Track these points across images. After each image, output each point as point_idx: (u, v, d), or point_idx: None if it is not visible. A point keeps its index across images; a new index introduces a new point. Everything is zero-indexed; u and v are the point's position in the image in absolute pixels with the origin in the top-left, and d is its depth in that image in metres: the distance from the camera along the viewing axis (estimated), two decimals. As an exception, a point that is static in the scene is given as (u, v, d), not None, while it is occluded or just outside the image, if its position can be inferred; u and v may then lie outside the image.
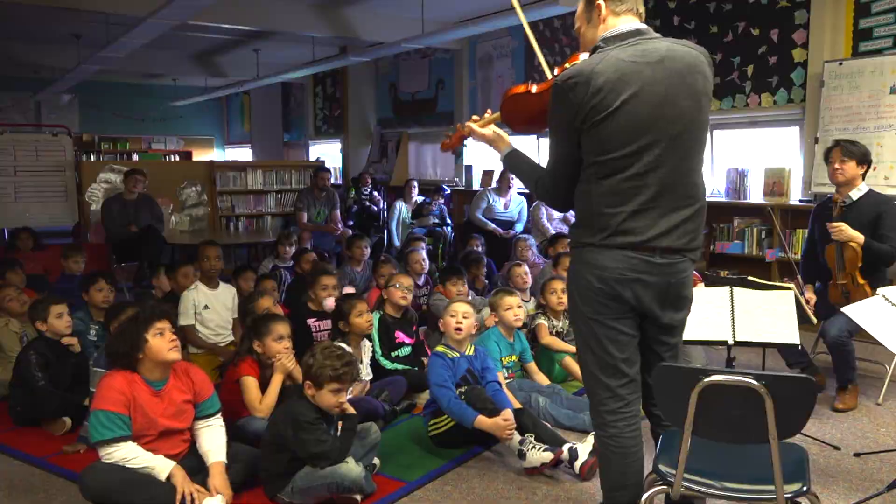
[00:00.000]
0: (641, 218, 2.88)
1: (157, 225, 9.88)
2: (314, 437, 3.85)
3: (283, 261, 8.69)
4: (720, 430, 2.75)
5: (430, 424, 4.78)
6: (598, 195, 2.91)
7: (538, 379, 5.66)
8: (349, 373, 3.97)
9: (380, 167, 14.62)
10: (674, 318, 3.06)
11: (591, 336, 3.05)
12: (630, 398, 3.08)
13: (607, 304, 2.97)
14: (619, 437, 3.08)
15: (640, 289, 2.93)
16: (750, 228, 8.27)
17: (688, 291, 3.07)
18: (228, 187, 12.51)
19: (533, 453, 4.35)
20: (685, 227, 2.95)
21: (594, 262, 2.96)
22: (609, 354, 3.03)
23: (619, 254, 2.91)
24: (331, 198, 11.11)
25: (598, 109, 2.82)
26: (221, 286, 6.57)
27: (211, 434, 4.02)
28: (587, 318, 3.03)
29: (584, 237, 3.01)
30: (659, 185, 2.87)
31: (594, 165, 2.90)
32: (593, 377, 3.10)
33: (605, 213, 2.91)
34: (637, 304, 2.96)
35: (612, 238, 2.91)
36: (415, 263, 7.61)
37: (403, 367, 5.78)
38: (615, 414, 3.08)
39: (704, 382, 2.64)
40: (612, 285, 2.93)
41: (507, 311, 5.57)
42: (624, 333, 3.01)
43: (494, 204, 10.25)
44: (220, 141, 21.99)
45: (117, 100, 19.65)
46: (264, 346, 4.73)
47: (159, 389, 3.88)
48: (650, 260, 2.91)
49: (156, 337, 3.83)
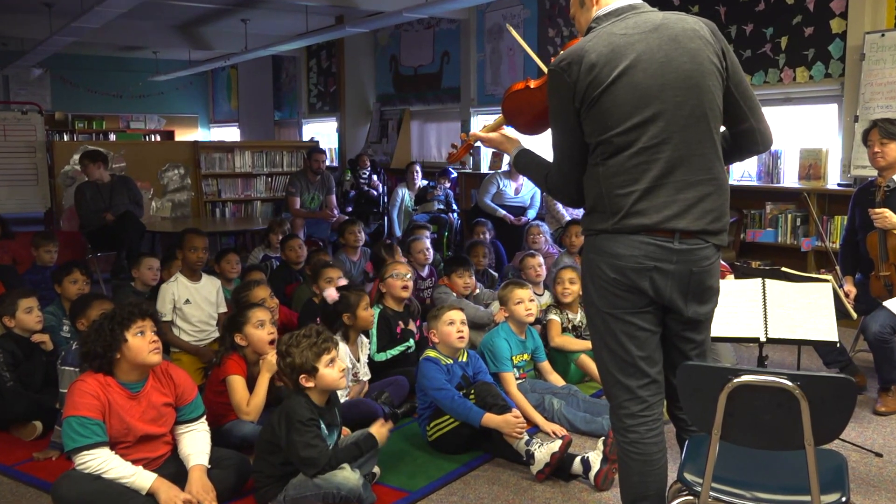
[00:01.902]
0: (654, 196, 2.88)
1: (135, 210, 9.87)
2: (304, 439, 3.83)
3: (275, 250, 8.70)
4: (751, 435, 2.75)
5: (430, 428, 4.80)
6: (607, 176, 2.92)
7: (552, 379, 5.67)
8: (328, 338, 4.04)
9: (379, 148, 14.62)
10: (698, 312, 3.05)
11: (607, 332, 3.05)
12: (652, 400, 3.07)
13: (624, 297, 2.97)
14: (640, 442, 3.07)
15: (658, 278, 2.93)
16: (784, 215, 8.26)
17: (713, 281, 3.06)
18: (214, 170, 12.53)
19: (542, 450, 4.38)
20: (703, 207, 2.93)
21: (607, 249, 2.96)
22: (627, 352, 3.02)
23: (634, 239, 2.91)
24: (326, 182, 11.11)
25: (594, 86, 2.85)
26: (204, 278, 6.56)
27: (193, 438, 4.02)
28: (603, 313, 3.03)
29: (595, 223, 3.01)
30: (669, 158, 2.87)
31: (599, 146, 2.92)
32: (611, 377, 3.10)
33: (615, 193, 2.91)
34: (656, 296, 2.95)
35: (624, 221, 2.91)
36: (418, 253, 7.62)
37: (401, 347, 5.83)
38: (635, 418, 3.07)
39: (734, 383, 2.63)
40: (628, 275, 2.93)
41: (517, 306, 5.57)
42: (643, 329, 3.01)
43: (505, 188, 10.24)
44: (204, 119, 22.01)
45: (93, 75, 19.68)
46: (247, 338, 4.73)
47: (137, 392, 3.87)
48: (668, 245, 2.90)
49: (136, 337, 3.82)
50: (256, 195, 12.78)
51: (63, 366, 4.80)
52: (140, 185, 10.68)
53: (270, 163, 12.91)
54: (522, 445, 4.47)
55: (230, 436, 4.51)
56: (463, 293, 6.91)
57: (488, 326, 6.23)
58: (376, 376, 5.58)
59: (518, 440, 4.50)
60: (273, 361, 4.64)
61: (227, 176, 12.64)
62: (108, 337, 3.80)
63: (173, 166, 12.10)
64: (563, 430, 4.92)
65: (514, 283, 5.75)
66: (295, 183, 11.00)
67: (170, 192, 12.07)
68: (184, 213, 12.09)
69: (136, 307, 3.91)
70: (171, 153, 12.46)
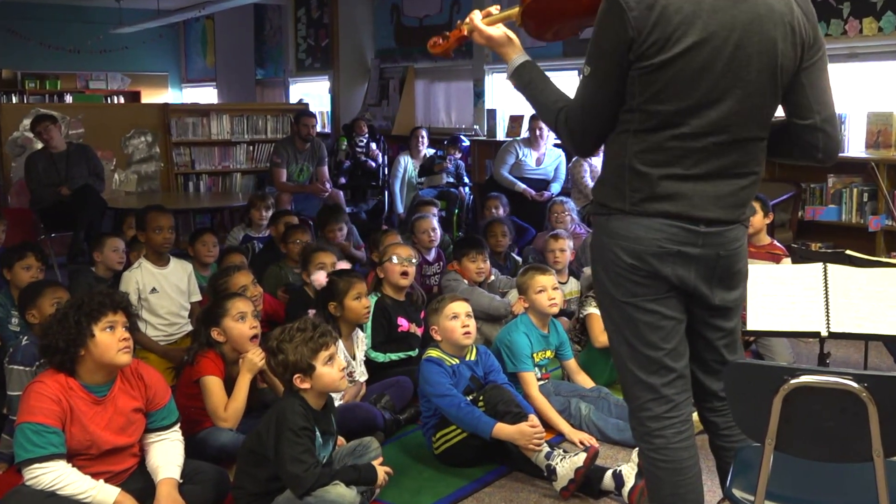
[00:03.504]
0: (685, 183, 2.89)
1: (95, 184, 9.87)
2: (292, 452, 3.83)
3: (258, 230, 8.70)
4: (811, 444, 2.75)
5: (436, 439, 4.81)
6: (636, 149, 2.91)
7: (580, 380, 5.66)
8: (326, 331, 4.05)
9: (379, 112, 14.61)
10: (725, 299, 3.07)
11: (625, 324, 3.05)
12: (678, 399, 3.08)
13: (642, 283, 2.97)
14: (668, 448, 3.08)
15: (681, 264, 2.94)
16: (848, 189, 8.24)
17: (741, 265, 3.08)
18: (187, 137, 12.53)
19: (564, 465, 4.37)
20: (737, 199, 2.96)
21: (623, 232, 2.96)
22: (650, 345, 3.03)
23: (655, 222, 2.91)
24: (316, 151, 11.12)
25: (658, 45, 2.79)
26: (173, 263, 6.52)
27: (164, 448, 4.02)
28: (620, 303, 3.04)
29: (609, 199, 3.01)
30: (711, 149, 2.87)
31: (639, 113, 2.89)
32: (631, 376, 3.10)
33: (640, 170, 2.91)
34: (680, 284, 2.97)
35: (645, 203, 2.92)
36: (422, 234, 7.61)
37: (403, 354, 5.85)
38: (660, 420, 3.08)
39: (791, 385, 2.63)
40: (648, 260, 2.93)
41: (539, 295, 5.55)
42: (667, 317, 3.02)
43: (524, 159, 10.22)
44: (175, 79, 21.99)
45: (46, 26, 19.64)
46: (225, 333, 4.72)
47: (102, 396, 3.86)
48: (693, 229, 2.91)
49: (105, 332, 3.79)
50: (236, 166, 12.78)
51: (12, 364, 4.78)
52: (101, 154, 10.69)
53: (252, 129, 12.90)
54: (542, 459, 4.46)
55: (205, 446, 4.50)
56: (476, 280, 6.89)
57: (505, 319, 6.23)
58: (375, 376, 5.59)
59: (536, 453, 4.49)
60: (255, 360, 4.65)
61: (201, 144, 12.65)
62: (72, 329, 3.76)
63: (139, 133, 12.10)
64: (592, 440, 4.93)
65: (535, 269, 5.74)
66: (281, 152, 10.99)
67: (135, 162, 12.07)
68: (151, 186, 12.09)
69: (108, 297, 3.88)
70: (136, 118, 12.45)
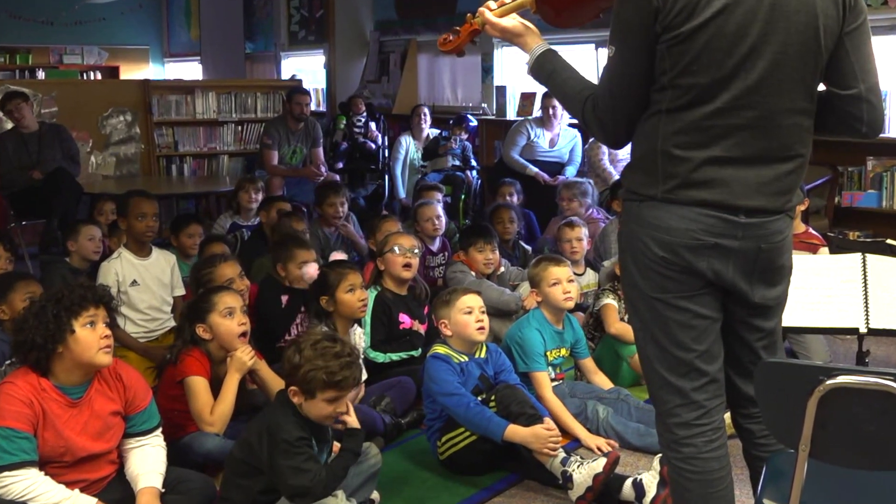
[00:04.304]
0: (723, 168, 2.88)
1: (70, 167, 9.87)
2: (293, 463, 3.82)
3: (246, 216, 8.70)
4: (848, 451, 2.74)
5: (442, 443, 4.81)
6: (668, 130, 2.91)
7: (597, 381, 5.67)
8: (351, 376, 3.93)
9: (378, 89, 14.59)
10: (766, 296, 3.06)
11: (655, 321, 3.05)
12: (710, 405, 3.08)
13: (675, 278, 2.97)
14: (697, 458, 3.08)
15: (718, 258, 2.93)
16: (889, 173, 8.23)
17: (785, 259, 3.07)
18: (170, 116, 12.55)
19: (581, 472, 4.37)
20: (779, 186, 2.94)
21: (655, 221, 2.95)
22: (680, 346, 3.03)
23: (690, 211, 2.90)
24: (310, 131, 11.13)
25: (687, 13, 2.79)
26: (155, 253, 6.53)
27: (144, 454, 4.02)
28: (649, 298, 3.03)
29: (641, 186, 3.01)
30: (751, 126, 2.87)
31: (670, 90, 2.89)
32: (659, 378, 3.10)
33: (674, 155, 2.90)
34: (716, 279, 2.96)
35: (680, 191, 2.91)
36: (426, 221, 7.62)
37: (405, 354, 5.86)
38: (690, 427, 3.08)
39: (827, 385, 2.62)
40: (681, 253, 2.92)
41: (553, 287, 5.56)
42: (700, 316, 3.01)
43: (537, 140, 10.21)
44: (157, 53, 21.98)
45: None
46: (212, 329, 4.73)
47: (78, 398, 3.85)
48: (732, 219, 2.90)
49: (85, 328, 3.77)
50: (223, 148, 12.79)
51: (-25, 363, 4.80)
52: (76, 135, 10.70)
53: (240, 107, 12.90)
54: (557, 465, 4.46)
55: (190, 452, 4.49)
56: (484, 272, 6.89)
57: (516, 314, 6.23)
58: (374, 377, 5.60)
59: (552, 458, 4.49)
60: (244, 359, 4.66)
61: (185, 124, 12.66)
62: (50, 324, 3.74)
63: (118, 112, 12.09)
64: (611, 445, 4.93)
65: (549, 260, 5.74)
66: (272, 133, 10.99)
67: (113, 144, 12.07)
68: (131, 170, 12.09)
69: (89, 290, 3.87)
70: (115, 95, 12.45)
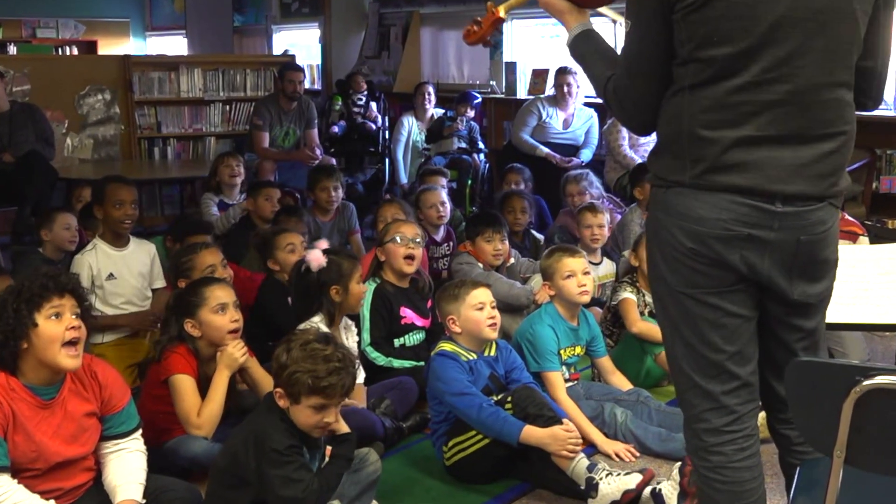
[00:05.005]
0: (756, 149, 2.86)
1: (43, 150, 9.88)
2: (283, 472, 3.81)
3: (231, 195, 8.72)
4: (887, 457, 2.74)
5: (448, 448, 4.81)
6: (694, 109, 2.90)
7: (615, 381, 5.65)
8: (339, 383, 3.86)
9: (378, 65, 14.58)
10: (808, 293, 3.03)
11: (681, 318, 3.04)
12: (742, 410, 3.07)
13: (704, 272, 2.95)
14: (727, 467, 3.07)
15: (752, 250, 2.91)
16: (933, 157, 8.24)
17: (829, 252, 3.04)
18: (152, 95, 12.54)
19: (610, 483, 4.36)
20: (821, 168, 2.91)
21: (683, 209, 2.94)
22: (709, 346, 3.02)
23: (722, 199, 2.88)
24: (304, 111, 11.13)
25: None
26: (133, 243, 6.50)
27: (123, 462, 4.00)
28: (676, 292, 3.02)
29: (667, 171, 3.00)
30: (786, 101, 2.85)
31: (692, 64, 2.88)
32: (686, 380, 3.10)
33: (701, 135, 2.89)
34: (750, 273, 2.94)
35: (710, 176, 2.89)
36: (430, 209, 7.62)
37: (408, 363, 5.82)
38: (720, 434, 3.07)
39: (864, 386, 2.61)
40: (712, 245, 2.90)
41: (567, 280, 5.53)
42: (732, 314, 3.00)
43: (549, 120, 10.20)
44: (138, 26, 21.95)
45: (-15, -36, 19.69)
46: (201, 325, 4.72)
47: (49, 399, 3.83)
48: (768, 208, 2.88)
49: (50, 320, 3.75)
50: (209, 129, 12.78)
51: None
52: (50, 115, 10.70)
53: (229, 85, 12.89)
54: (582, 470, 4.44)
55: (175, 456, 4.50)
56: (493, 264, 6.90)
57: (527, 309, 6.22)
58: (373, 377, 5.59)
59: (573, 462, 4.47)
60: (234, 355, 4.65)
61: (169, 103, 12.66)
62: (11, 319, 3.72)
63: (96, 90, 12.09)
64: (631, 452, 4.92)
65: (563, 250, 5.71)
66: (262, 113, 10.99)
67: (91, 124, 12.06)
68: (110, 153, 12.09)
69: (51, 279, 3.82)
70: (92, 72, 12.43)
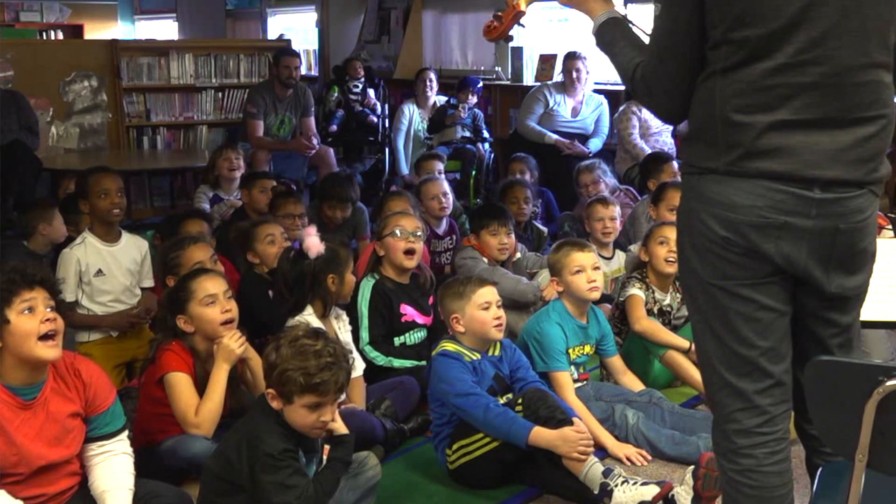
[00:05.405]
0: (791, 133, 2.85)
1: (27, 139, 9.90)
2: (278, 479, 3.79)
3: (228, 190, 8.73)
4: (912, 461, 2.74)
5: (452, 451, 4.79)
6: (727, 93, 2.89)
7: (626, 382, 5.65)
8: (333, 379, 3.85)
9: (378, 51, 14.58)
10: (845, 286, 3.02)
11: (714, 311, 3.03)
12: (775, 411, 3.06)
13: (738, 263, 2.94)
14: (757, 471, 3.06)
15: (788, 239, 2.89)
16: (962, 145, 8.21)
17: (867, 242, 3.03)
18: (141, 81, 12.52)
19: (626, 491, 4.34)
20: (861, 152, 2.90)
21: (716, 197, 2.93)
22: (742, 342, 3.00)
23: (757, 185, 2.88)
24: (301, 99, 11.17)
25: None
26: (125, 238, 6.46)
27: (110, 466, 3.99)
28: (708, 285, 3.01)
29: (700, 158, 2.99)
30: (824, 85, 2.84)
31: (724, 46, 2.88)
32: (717, 378, 3.08)
33: (735, 120, 2.88)
34: (785, 264, 2.93)
35: (745, 161, 2.88)
36: (431, 200, 7.63)
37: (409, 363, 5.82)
38: (751, 435, 3.06)
39: (887, 387, 2.61)
40: (746, 233, 2.90)
41: (576, 276, 5.50)
42: (766, 307, 2.99)
43: (557, 107, 10.20)
44: (126, 9, 21.94)
45: (-35, -57, 19.70)
46: (193, 320, 4.71)
47: (31, 399, 3.81)
48: (806, 194, 2.87)
49: (22, 315, 3.72)
50: (201, 117, 12.76)
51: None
52: (34, 102, 10.71)
53: (221, 71, 12.87)
54: (597, 475, 4.42)
55: (172, 457, 4.44)
56: (498, 258, 6.88)
57: (534, 306, 6.21)
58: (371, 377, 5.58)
59: (587, 466, 4.45)
60: (231, 346, 4.60)
61: (158, 90, 12.64)
62: None
63: (82, 76, 12.08)
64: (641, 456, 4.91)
65: (572, 244, 5.69)
66: (256, 100, 11.03)
67: (77, 112, 12.05)
68: (97, 142, 12.08)
69: (18, 272, 3.77)
70: (78, 57, 12.42)
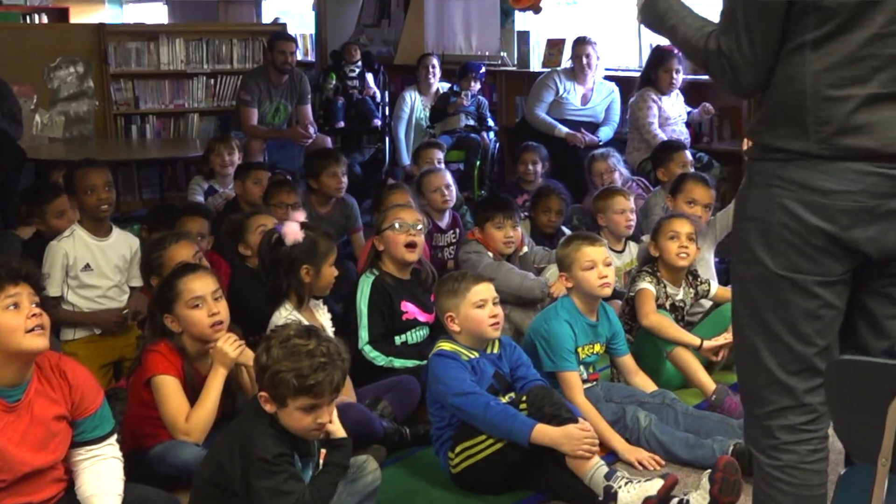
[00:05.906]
0: (882, 107, 2.85)
1: (10, 128, 9.86)
2: (272, 484, 3.80)
3: (223, 183, 8.73)
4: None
5: (455, 454, 4.79)
6: (818, 68, 2.87)
7: (638, 382, 5.64)
8: (327, 379, 3.84)
9: (378, 35, 14.54)
10: None
11: (772, 304, 3.02)
12: (822, 410, 3.06)
13: (813, 257, 2.93)
14: (798, 468, 3.08)
15: (879, 224, 2.88)
16: None
17: None
18: (129, 67, 12.52)
19: (630, 491, 4.35)
20: None
21: (809, 182, 2.90)
22: (801, 338, 3.01)
23: (849, 169, 2.86)
24: (297, 85, 11.15)
25: None
26: (115, 233, 6.50)
27: (98, 471, 3.99)
28: (772, 275, 3.00)
29: (786, 140, 2.95)
30: None
31: (813, 14, 2.84)
32: (766, 374, 3.08)
33: (827, 95, 2.86)
34: (878, 254, 2.92)
35: (839, 139, 2.86)
36: (433, 192, 7.63)
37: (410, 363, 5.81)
38: (796, 432, 3.07)
39: (912, 387, 2.62)
40: (840, 221, 2.88)
41: (587, 272, 5.47)
42: (830, 306, 2.99)
43: (566, 95, 10.16)
44: (114, -8, 21.99)
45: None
46: (181, 322, 4.71)
47: (14, 401, 3.81)
48: (895, 174, 2.86)
49: (7, 311, 3.73)
50: (192, 105, 12.76)
51: None
52: (17, 90, 10.68)
53: (213, 57, 12.85)
54: (600, 478, 4.43)
55: (161, 464, 4.46)
56: (503, 252, 6.86)
57: (542, 303, 6.21)
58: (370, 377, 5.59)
59: (590, 468, 4.46)
60: (226, 350, 4.59)
61: (148, 76, 12.64)
62: None
63: (68, 62, 12.07)
64: (655, 461, 4.91)
65: (582, 238, 5.67)
66: (251, 87, 11.00)
67: (62, 100, 12.05)
68: (83, 131, 12.07)
69: (3, 267, 3.79)
70: (64, 43, 12.41)
